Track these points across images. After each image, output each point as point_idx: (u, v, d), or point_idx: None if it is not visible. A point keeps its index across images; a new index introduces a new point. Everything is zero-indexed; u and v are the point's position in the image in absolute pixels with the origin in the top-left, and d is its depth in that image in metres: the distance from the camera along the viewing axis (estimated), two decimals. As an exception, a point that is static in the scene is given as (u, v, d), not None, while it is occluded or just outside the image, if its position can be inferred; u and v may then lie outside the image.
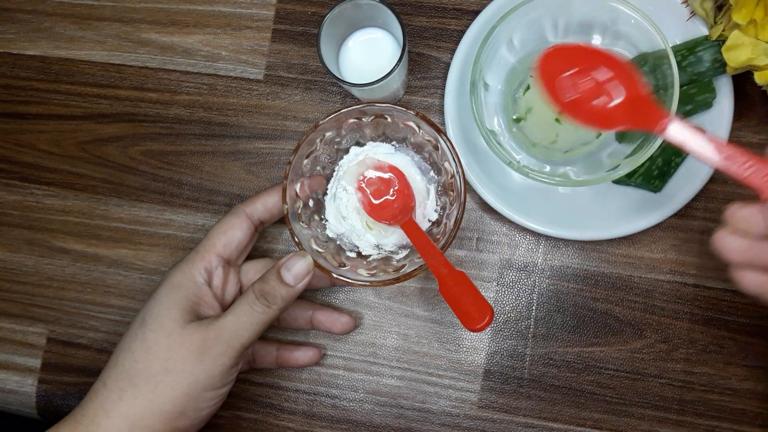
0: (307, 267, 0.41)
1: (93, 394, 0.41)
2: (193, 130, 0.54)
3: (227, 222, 0.44)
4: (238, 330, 0.40)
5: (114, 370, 0.41)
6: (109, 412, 0.39)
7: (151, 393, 0.39)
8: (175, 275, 0.43)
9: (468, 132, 0.48)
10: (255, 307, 0.40)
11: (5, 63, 0.56)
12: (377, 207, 0.45)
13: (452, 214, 0.42)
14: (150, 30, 0.54)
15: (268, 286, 0.41)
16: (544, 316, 0.50)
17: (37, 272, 0.55)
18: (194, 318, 0.41)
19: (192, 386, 0.40)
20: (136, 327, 0.41)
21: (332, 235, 0.46)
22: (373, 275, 0.43)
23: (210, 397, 0.41)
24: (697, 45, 0.45)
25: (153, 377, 0.39)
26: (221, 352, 0.40)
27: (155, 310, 0.41)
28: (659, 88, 0.43)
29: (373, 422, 0.51)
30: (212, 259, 0.43)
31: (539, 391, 0.49)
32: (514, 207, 0.47)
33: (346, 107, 0.41)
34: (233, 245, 0.44)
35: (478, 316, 0.35)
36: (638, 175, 0.46)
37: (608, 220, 0.47)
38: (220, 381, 0.41)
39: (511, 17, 0.42)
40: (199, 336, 0.40)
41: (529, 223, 0.47)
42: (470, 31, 0.48)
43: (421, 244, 0.40)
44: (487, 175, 0.48)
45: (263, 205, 0.45)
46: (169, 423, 0.40)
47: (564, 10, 0.44)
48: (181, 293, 0.42)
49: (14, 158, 0.56)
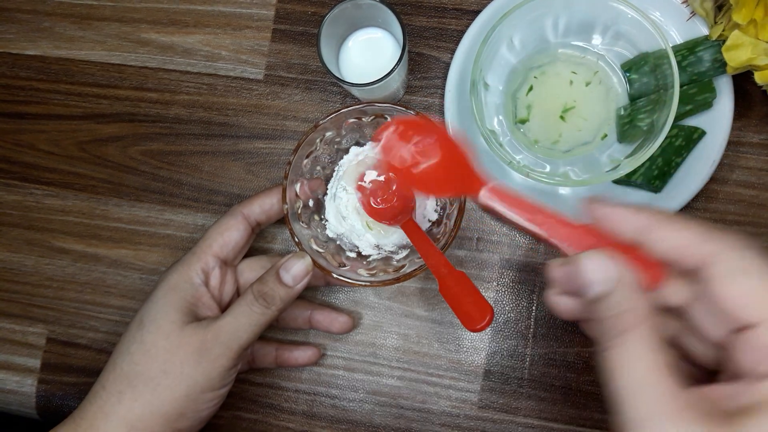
0: (306, 268, 0.41)
1: (92, 396, 0.41)
2: (193, 130, 0.54)
3: (224, 223, 0.44)
4: (236, 331, 0.40)
5: (113, 373, 0.41)
6: (108, 415, 0.39)
7: (150, 395, 0.39)
8: (172, 276, 0.43)
9: (468, 132, 0.48)
10: (253, 308, 0.40)
11: (5, 63, 0.56)
12: (377, 207, 0.45)
13: (452, 214, 0.42)
14: (150, 30, 0.54)
15: (266, 287, 0.41)
16: (544, 316, 0.50)
17: (37, 272, 0.55)
18: (192, 319, 0.41)
19: (191, 388, 0.40)
20: (134, 329, 0.41)
21: (332, 235, 0.46)
22: (373, 275, 0.43)
23: (209, 399, 0.41)
24: (697, 45, 0.45)
25: (152, 379, 0.39)
26: (220, 354, 0.40)
27: (153, 312, 0.41)
28: (659, 87, 0.43)
29: (373, 422, 0.51)
30: (209, 260, 0.43)
31: (539, 391, 0.49)
32: None
33: (346, 107, 0.41)
34: (230, 246, 0.44)
35: (478, 317, 0.35)
36: (638, 175, 0.46)
37: None
38: (218, 382, 0.41)
39: (512, 17, 0.42)
40: (198, 338, 0.40)
41: None
42: (470, 30, 0.48)
43: (420, 244, 0.40)
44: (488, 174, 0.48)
45: (260, 207, 0.45)
46: (168, 425, 0.40)
47: (564, 9, 0.44)
48: (179, 295, 0.42)
49: (14, 158, 0.55)
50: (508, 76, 0.48)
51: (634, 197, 0.47)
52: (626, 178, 0.45)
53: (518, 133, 0.47)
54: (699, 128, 0.45)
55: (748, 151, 0.49)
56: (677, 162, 0.46)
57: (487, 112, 0.45)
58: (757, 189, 0.48)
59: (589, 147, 0.47)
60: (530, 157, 0.46)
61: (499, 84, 0.47)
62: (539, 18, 0.45)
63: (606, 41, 0.46)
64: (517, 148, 0.47)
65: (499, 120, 0.48)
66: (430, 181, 0.38)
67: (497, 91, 0.47)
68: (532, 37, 0.46)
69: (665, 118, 0.41)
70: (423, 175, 0.38)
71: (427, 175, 0.38)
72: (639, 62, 0.45)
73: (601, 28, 0.45)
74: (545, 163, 0.46)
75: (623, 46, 0.45)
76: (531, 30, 0.45)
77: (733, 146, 0.48)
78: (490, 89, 0.47)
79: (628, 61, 0.45)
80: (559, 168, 0.46)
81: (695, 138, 0.45)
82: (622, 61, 0.46)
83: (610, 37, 0.45)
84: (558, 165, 0.46)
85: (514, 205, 0.34)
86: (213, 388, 0.41)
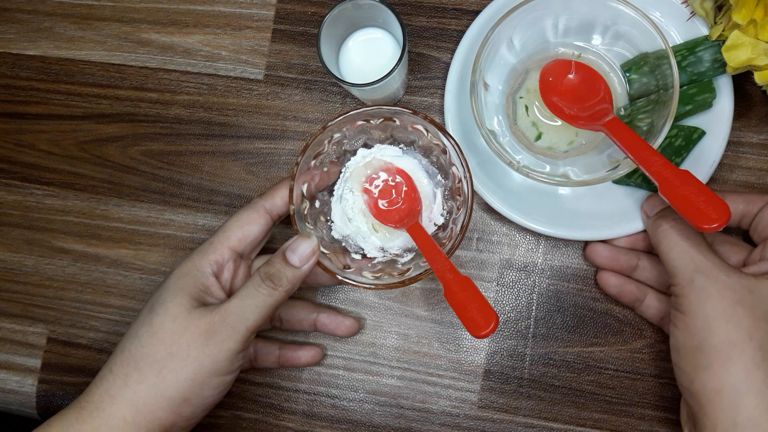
0: (312, 248, 0.41)
1: (99, 380, 0.41)
2: (193, 130, 0.54)
3: (245, 216, 0.44)
4: (243, 313, 0.40)
5: (120, 356, 0.40)
6: (114, 398, 0.39)
7: (156, 378, 0.39)
8: (185, 264, 0.43)
9: (468, 132, 0.48)
10: (260, 289, 0.40)
11: (5, 63, 0.56)
12: (383, 209, 0.45)
13: (458, 218, 0.42)
14: (150, 30, 0.54)
15: (273, 268, 0.41)
16: (544, 316, 0.50)
17: (37, 272, 0.55)
18: (201, 305, 0.41)
19: (197, 372, 0.39)
20: (144, 313, 0.41)
21: (337, 236, 0.46)
22: (377, 278, 0.42)
23: (215, 384, 0.40)
24: (697, 45, 0.45)
25: (158, 362, 0.39)
26: (227, 336, 0.40)
27: (163, 296, 0.41)
28: (659, 87, 0.43)
29: (373, 422, 0.51)
30: (225, 252, 0.43)
31: (539, 391, 0.49)
32: (514, 207, 0.47)
33: (354, 109, 0.41)
34: (248, 240, 0.44)
35: (483, 323, 0.35)
36: (638, 175, 0.46)
37: (609, 219, 0.47)
38: (225, 367, 0.40)
39: (511, 17, 0.42)
40: (205, 321, 0.40)
41: (529, 223, 0.47)
42: (470, 31, 0.48)
43: (426, 248, 0.40)
44: (487, 174, 0.48)
45: (282, 199, 0.44)
46: (172, 409, 0.39)
47: (564, 10, 0.44)
48: (190, 281, 0.42)
49: (14, 158, 0.56)
50: (507, 75, 0.48)
51: (633, 196, 0.47)
52: (625, 178, 0.45)
53: (518, 133, 0.47)
54: (699, 128, 0.45)
55: (747, 151, 0.49)
56: (677, 162, 0.46)
57: (486, 112, 0.45)
58: (757, 189, 0.48)
59: (588, 147, 0.47)
60: (530, 157, 0.46)
61: (498, 84, 0.47)
62: (539, 18, 0.45)
63: (606, 41, 0.46)
64: (517, 148, 0.47)
65: (499, 120, 0.48)
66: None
67: (497, 91, 0.47)
68: (533, 38, 0.46)
69: (665, 119, 0.41)
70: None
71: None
72: (639, 62, 0.44)
73: (600, 28, 0.45)
74: (545, 163, 0.46)
75: (623, 47, 0.45)
76: (531, 30, 0.45)
77: (733, 146, 0.48)
78: (489, 89, 0.47)
79: (628, 61, 0.45)
80: (559, 168, 0.46)
81: (695, 138, 0.45)
82: (621, 62, 0.46)
83: (610, 37, 0.45)
84: (558, 165, 0.46)
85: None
86: (219, 373, 0.40)
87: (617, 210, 0.47)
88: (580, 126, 0.44)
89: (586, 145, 0.47)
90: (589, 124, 0.43)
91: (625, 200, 0.47)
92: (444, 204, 0.46)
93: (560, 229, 0.47)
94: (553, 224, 0.47)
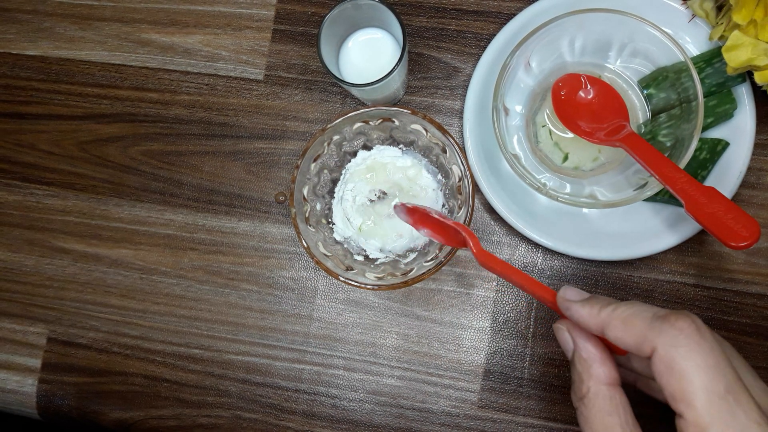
0: None
1: None
2: (193, 130, 0.54)
3: None
4: None
5: None
6: None
7: None
8: None
9: (491, 158, 0.48)
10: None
11: (5, 63, 0.56)
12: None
13: (460, 217, 0.42)
14: (150, 30, 0.54)
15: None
16: (544, 316, 0.50)
17: (37, 272, 0.55)
18: None
19: None
20: None
21: (339, 238, 0.46)
22: (380, 279, 0.42)
23: None
24: (713, 56, 0.44)
25: None
26: None
27: None
28: (681, 101, 0.42)
29: (373, 422, 0.51)
30: None
31: (539, 391, 0.49)
32: (542, 231, 0.46)
33: (353, 110, 0.41)
34: None
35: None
36: (664, 191, 0.45)
37: (637, 238, 0.46)
38: None
39: (529, 42, 0.42)
40: None
41: (559, 247, 0.46)
42: (486, 54, 0.47)
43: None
44: (508, 194, 0.47)
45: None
46: None
47: (580, 29, 0.44)
48: None
49: (14, 158, 0.56)
50: (527, 98, 0.47)
51: (663, 213, 0.46)
52: None
53: (541, 155, 0.47)
54: (723, 140, 0.45)
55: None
56: (703, 175, 0.45)
57: (508, 136, 0.45)
58: (757, 189, 0.48)
59: (612, 165, 0.46)
60: (553, 178, 0.46)
61: (517, 106, 0.47)
62: (555, 40, 0.44)
63: (623, 58, 0.45)
64: (539, 169, 0.46)
65: (521, 143, 0.47)
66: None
67: (516, 114, 0.47)
68: (550, 58, 0.46)
69: (692, 131, 0.40)
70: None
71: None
72: (657, 77, 0.44)
73: (617, 45, 0.45)
74: (567, 183, 0.46)
75: (640, 63, 0.45)
76: (548, 51, 0.45)
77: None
78: (510, 113, 0.46)
79: (646, 76, 0.45)
80: (585, 188, 0.45)
81: (719, 150, 0.45)
82: (639, 78, 0.45)
83: (627, 54, 0.45)
84: (583, 185, 0.45)
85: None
86: None
87: (646, 228, 0.46)
88: (597, 142, 0.43)
89: (610, 163, 0.46)
90: (607, 140, 0.42)
91: (654, 218, 0.46)
92: (445, 203, 0.46)
93: (590, 250, 0.46)
94: (582, 245, 0.46)
